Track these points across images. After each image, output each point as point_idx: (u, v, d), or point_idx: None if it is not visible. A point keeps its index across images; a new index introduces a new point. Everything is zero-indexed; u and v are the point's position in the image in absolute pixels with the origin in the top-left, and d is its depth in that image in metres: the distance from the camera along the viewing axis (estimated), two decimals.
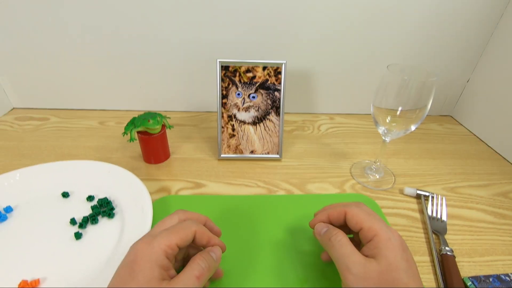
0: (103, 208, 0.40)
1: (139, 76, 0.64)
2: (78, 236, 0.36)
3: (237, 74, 0.50)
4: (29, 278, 0.31)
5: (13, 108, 0.67)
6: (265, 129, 0.53)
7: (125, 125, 0.48)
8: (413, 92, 0.40)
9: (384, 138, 0.47)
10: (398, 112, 0.42)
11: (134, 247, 0.26)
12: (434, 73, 0.40)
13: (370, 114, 0.72)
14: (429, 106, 0.41)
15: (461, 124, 0.70)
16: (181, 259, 0.30)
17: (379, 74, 0.43)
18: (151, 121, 0.46)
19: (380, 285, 0.25)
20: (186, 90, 0.66)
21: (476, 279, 0.34)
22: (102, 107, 0.68)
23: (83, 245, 0.36)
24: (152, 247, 0.25)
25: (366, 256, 0.27)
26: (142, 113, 0.49)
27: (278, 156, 0.53)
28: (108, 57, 0.61)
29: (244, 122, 0.52)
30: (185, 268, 0.26)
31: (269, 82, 0.51)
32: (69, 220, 0.38)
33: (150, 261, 0.24)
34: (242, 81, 0.50)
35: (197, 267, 0.26)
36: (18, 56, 0.61)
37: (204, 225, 0.32)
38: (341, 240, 0.28)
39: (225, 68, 0.50)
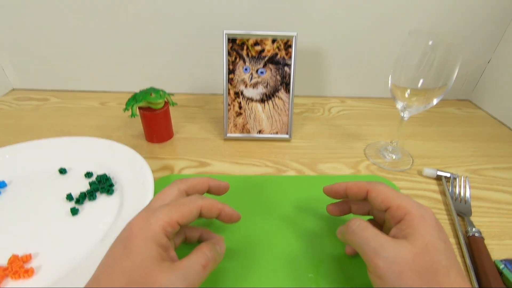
0: (102, 185, 0.37)
1: (142, 55, 0.61)
2: (74, 211, 0.34)
3: (245, 47, 0.47)
4: (20, 253, 0.29)
5: (13, 89, 0.65)
6: (273, 107, 0.50)
7: None
8: (437, 60, 0.37)
9: (402, 115, 0.44)
10: (419, 84, 0.39)
11: (130, 223, 0.23)
12: (460, 37, 0.36)
13: (384, 98, 0.69)
14: (454, 76, 0.38)
15: (481, 108, 0.66)
16: (179, 243, 0.27)
17: (395, 53, 0.40)
18: (153, 95, 0.43)
19: (417, 269, 0.21)
20: (190, 70, 0.63)
21: (509, 262, 0.30)
22: (103, 89, 0.65)
23: (79, 221, 0.33)
24: (150, 223, 0.22)
25: (396, 238, 0.23)
26: None
27: (287, 136, 0.50)
28: (109, 37, 0.59)
29: (251, 100, 0.49)
30: (189, 255, 0.23)
31: (278, 56, 0.47)
32: (66, 196, 0.36)
33: (146, 238, 0.21)
34: (250, 55, 0.47)
35: (203, 255, 0.23)
36: (18, 37, 0.58)
37: (209, 189, 0.29)
38: (361, 224, 0.25)
39: (232, 41, 0.47)
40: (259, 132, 0.50)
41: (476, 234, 0.33)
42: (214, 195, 0.30)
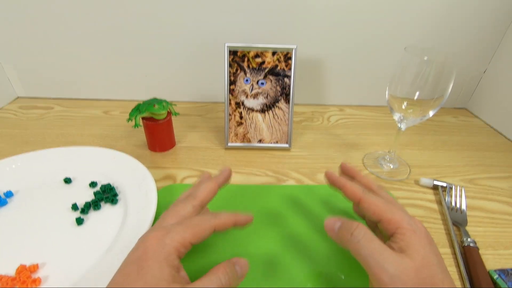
0: (106, 194, 0.38)
1: (144, 64, 0.62)
2: (79, 221, 0.35)
3: (246, 59, 0.48)
4: (27, 263, 0.30)
5: (18, 97, 0.66)
6: (274, 117, 0.51)
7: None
8: (433, 74, 0.38)
9: (399, 126, 0.45)
10: (415, 97, 0.40)
11: (144, 241, 0.23)
12: (454, 54, 0.38)
13: (381, 106, 0.70)
14: (449, 90, 0.39)
15: (477, 117, 0.67)
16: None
17: (393, 63, 0.41)
18: (156, 106, 0.44)
19: (419, 284, 0.22)
20: (192, 80, 0.65)
21: (503, 272, 0.31)
22: (107, 97, 0.67)
23: (85, 231, 0.34)
24: (164, 244, 0.22)
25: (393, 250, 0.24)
26: None
27: (287, 145, 0.51)
28: (113, 46, 0.60)
29: (252, 110, 0.50)
30: (203, 277, 0.22)
31: (278, 68, 0.49)
32: (71, 206, 0.37)
33: (160, 260, 0.22)
34: (250, 66, 0.49)
35: (217, 280, 0.22)
36: (23, 45, 0.60)
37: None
38: (366, 234, 0.24)
39: (233, 53, 0.48)
40: (260, 141, 0.51)
41: (471, 244, 0.34)
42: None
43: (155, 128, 0.47)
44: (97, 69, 0.63)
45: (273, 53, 0.48)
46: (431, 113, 0.41)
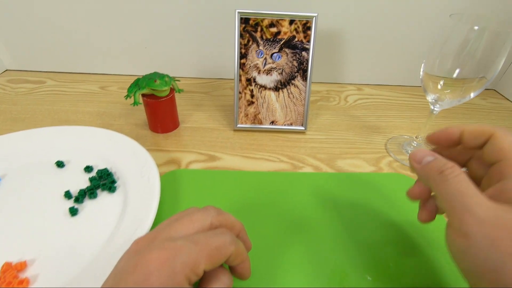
0: (103, 181, 0.34)
1: (145, 35, 0.56)
2: (73, 212, 0.31)
3: (259, 28, 0.42)
4: (14, 260, 0.26)
5: (6, 70, 0.61)
6: (288, 96, 0.45)
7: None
8: (481, 49, 0.32)
9: (432, 108, 0.40)
10: (455, 75, 0.35)
11: (146, 262, 0.18)
12: (509, 23, 0.32)
13: (403, 86, 0.64)
14: (498, 68, 0.34)
15: (507, 99, 0.62)
16: None
17: (415, 40, 0.36)
18: (158, 82, 0.39)
19: None
20: (198, 53, 0.59)
21: None
22: (104, 71, 0.61)
23: (79, 222, 0.30)
24: (173, 272, 0.17)
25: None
26: None
27: (302, 128, 0.46)
28: (110, 15, 0.54)
29: (265, 87, 0.45)
30: None
31: (296, 39, 0.43)
32: (64, 194, 0.32)
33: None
34: (264, 37, 0.43)
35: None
36: (11, 12, 0.53)
37: (237, 236, 0.24)
38: (459, 176, 0.19)
39: (245, 21, 0.42)
40: (272, 123, 0.46)
41: None
42: None
43: (156, 107, 0.42)
44: (93, 40, 0.57)
45: (291, 22, 0.42)
46: (472, 95, 0.36)
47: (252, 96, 0.45)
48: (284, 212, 0.33)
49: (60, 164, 0.36)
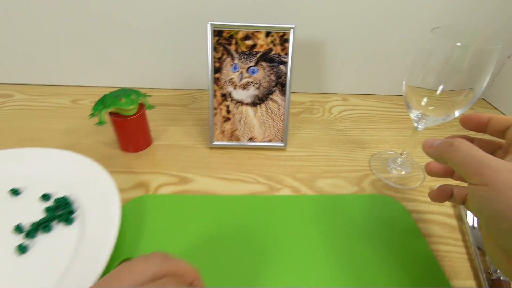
0: (60, 211, 0.32)
1: (120, 46, 0.53)
2: (22, 249, 0.28)
3: (234, 41, 0.40)
4: None
5: None
6: (267, 112, 0.43)
7: None
8: (465, 64, 0.30)
9: (416, 125, 0.38)
10: (438, 92, 0.33)
11: None
12: (494, 39, 0.30)
13: (390, 96, 0.63)
14: (484, 85, 0.32)
15: (496, 108, 0.60)
16: None
17: (409, 45, 0.33)
18: (123, 100, 0.36)
19: None
20: (173, 63, 0.56)
21: None
22: (76, 83, 0.58)
23: (28, 261, 0.28)
24: None
25: None
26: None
27: (282, 144, 0.44)
28: (82, 24, 0.51)
29: (241, 103, 0.42)
30: None
31: (273, 52, 0.40)
32: (14, 227, 0.30)
33: None
34: (239, 50, 0.40)
35: None
36: None
37: (191, 284, 0.21)
38: (468, 144, 0.22)
39: (218, 33, 0.39)
40: (250, 139, 0.44)
41: (502, 278, 0.28)
42: None
43: (124, 126, 0.40)
44: (65, 50, 0.54)
45: (267, 34, 0.40)
46: (457, 113, 0.34)
47: (228, 112, 0.43)
48: (259, 240, 0.31)
49: (15, 192, 0.33)
